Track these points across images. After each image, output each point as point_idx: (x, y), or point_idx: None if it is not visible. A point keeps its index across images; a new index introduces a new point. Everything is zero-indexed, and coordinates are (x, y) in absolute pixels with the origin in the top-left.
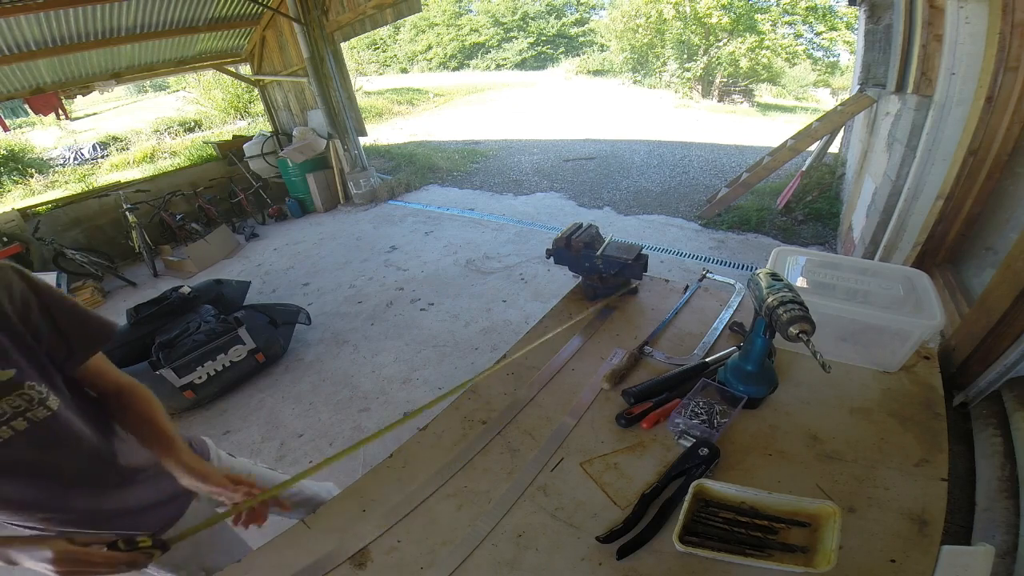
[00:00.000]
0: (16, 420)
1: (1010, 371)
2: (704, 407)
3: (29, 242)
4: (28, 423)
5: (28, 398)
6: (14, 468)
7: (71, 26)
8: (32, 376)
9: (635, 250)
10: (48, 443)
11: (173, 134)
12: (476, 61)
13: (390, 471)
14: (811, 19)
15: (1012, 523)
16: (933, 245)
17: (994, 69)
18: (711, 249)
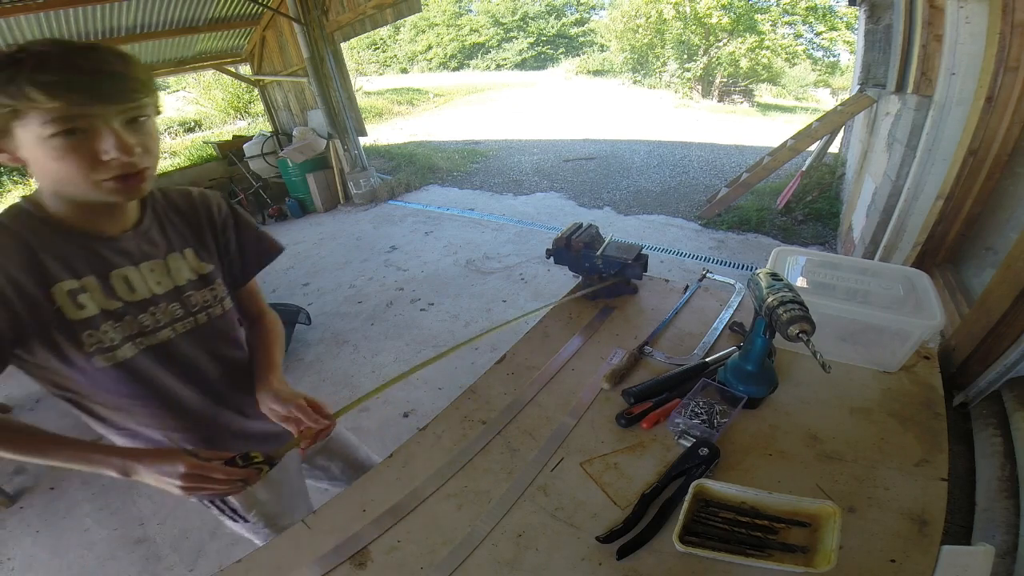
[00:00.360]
0: (201, 314)
1: (1010, 371)
2: (704, 407)
3: None
4: (208, 318)
5: (215, 294)
6: (196, 355)
7: (71, 26)
8: (219, 276)
9: (635, 250)
10: (217, 339)
11: (173, 134)
12: (476, 61)
13: (390, 471)
14: (811, 19)
15: (1012, 523)
16: (933, 245)
17: (994, 69)
18: (711, 249)
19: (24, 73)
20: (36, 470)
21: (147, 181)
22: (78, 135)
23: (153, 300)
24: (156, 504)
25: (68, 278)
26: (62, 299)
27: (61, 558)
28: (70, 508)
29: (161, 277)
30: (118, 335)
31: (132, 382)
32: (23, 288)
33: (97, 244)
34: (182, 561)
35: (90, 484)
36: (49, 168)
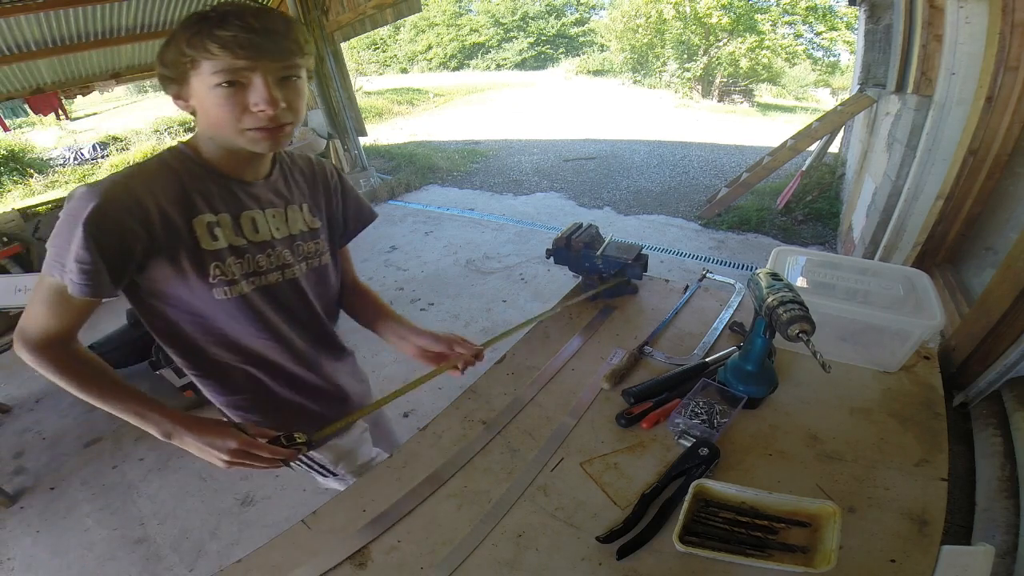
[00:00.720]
0: (303, 263)
1: (1010, 371)
2: (704, 407)
3: (29, 242)
4: (308, 268)
5: (318, 248)
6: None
7: (71, 26)
8: (326, 233)
9: (635, 250)
10: (313, 290)
11: (173, 134)
12: (476, 61)
13: (390, 471)
14: (811, 19)
15: (1012, 523)
16: (933, 245)
17: (994, 69)
18: (711, 249)
19: (207, 29)
20: (36, 470)
21: (286, 136)
22: (236, 87)
23: (271, 243)
24: (156, 504)
25: (208, 212)
26: (201, 230)
27: (61, 558)
28: (70, 508)
29: (280, 224)
30: (238, 271)
31: (245, 316)
32: (169, 216)
33: (235, 186)
34: (182, 561)
35: (90, 484)
36: (209, 114)
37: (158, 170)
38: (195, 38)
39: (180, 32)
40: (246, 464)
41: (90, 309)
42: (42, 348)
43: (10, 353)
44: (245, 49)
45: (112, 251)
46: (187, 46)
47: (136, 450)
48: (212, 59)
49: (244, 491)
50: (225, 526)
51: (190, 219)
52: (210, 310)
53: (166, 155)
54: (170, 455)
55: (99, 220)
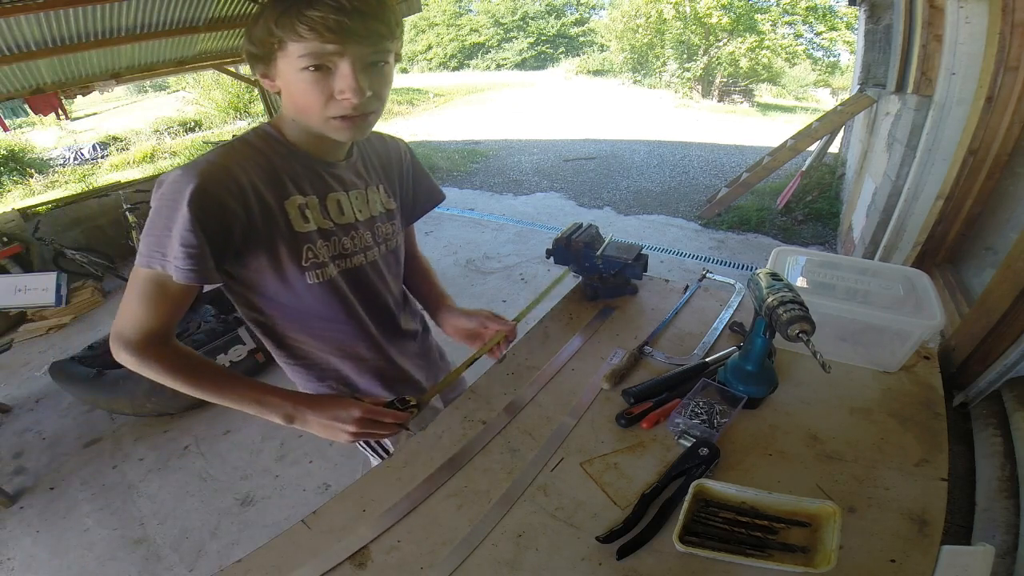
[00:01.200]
0: (382, 245)
1: (1010, 371)
2: (704, 407)
3: (29, 242)
4: (387, 249)
5: (394, 228)
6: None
7: (71, 26)
8: (399, 214)
9: (635, 250)
10: (389, 271)
11: (173, 134)
12: (476, 61)
13: (390, 471)
14: (811, 19)
15: (1012, 523)
16: (933, 245)
17: (994, 69)
18: (711, 249)
19: (296, 7)
20: (36, 470)
21: (369, 125)
22: (322, 71)
23: (354, 225)
24: (156, 504)
25: (298, 194)
26: (293, 211)
27: (61, 558)
28: (70, 508)
29: (362, 206)
30: (326, 254)
31: (331, 301)
32: (264, 198)
33: (320, 168)
34: (182, 561)
35: (90, 484)
36: (295, 97)
37: (249, 151)
38: (284, 17)
39: (270, 9)
40: (370, 433)
41: (189, 299)
42: (143, 347)
43: (10, 353)
44: (334, 32)
45: (215, 232)
46: (276, 25)
47: (136, 450)
48: (300, 41)
49: (244, 491)
50: (225, 526)
51: (282, 201)
52: (300, 296)
53: (252, 136)
54: (170, 455)
55: (202, 200)
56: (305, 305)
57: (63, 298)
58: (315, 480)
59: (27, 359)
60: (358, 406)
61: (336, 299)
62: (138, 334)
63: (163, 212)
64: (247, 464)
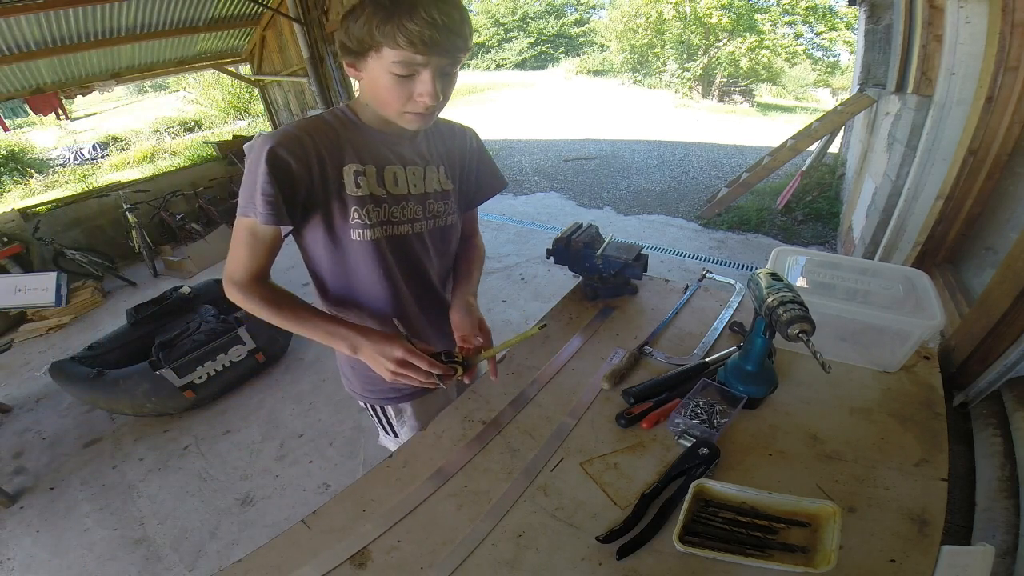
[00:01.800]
0: (431, 220)
1: (1010, 371)
2: (704, 407)
3: (29, 242)
4: (435, 226)
5: (446, 207)
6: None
7: (71, 26)
8: (456, 196)
9: (635, 250)
10: (435, 247)
11: (173, 134)
12: (476, 61)
13: (390, 471)
14: (811, 19)
15: (1012, 523)
16: (933, 245)
17: (994, 69)
18: (711, 249)
19: (397, 18)
20: (36, 470)
21: (433, 119)
22: (408, 76)
23: (406, 198)
24: (156, 504)
25: (356, 163)
26: (348, 177)
27: (61, 558)
28: (70, 508)
29: (417, 181)
30: (374, 218)
31: (371, 260)
32: (325, 163)
33: (384, 143)
34: (182, 561)
35: (90, 484)
36: (378, 91)
37: (321, 125)
38: (386, 25)
39: (372, 12)
40: (407, 376)
41: (278, 242)
42: (249, 286)
43: (10, 353)
44: (426, 45)
45: (285, 185)
46: (377, 30)
47: (136, 450)
48: (396, 48)
49: (244, 491)
50: (225, 526)
51: (340, 167)
52: (345, 251)
53: (327, 114)
54: (170, 455)
55: (275, 159)
56: (349, 262)
57: (63, 298)
58: (315, 480)
59: (27, 359)
60: (401, 346)
61: (376, 259)
62: (243, 275)
63: (251, 170)
64: (247, 464)
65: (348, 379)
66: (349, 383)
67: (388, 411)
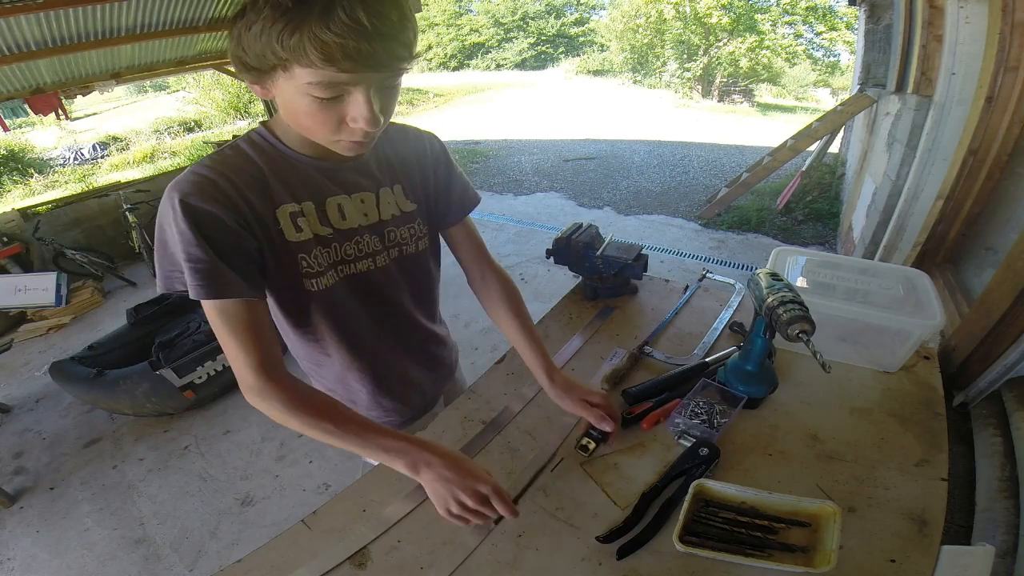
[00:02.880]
0: (394, 249)
1: (1010, 371)
2: (704, 407)
3: (29, 242)
4: (401, 254)
5: (412, 232)
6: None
7: (71, 26)
8: (422, 216)
9: (635, 250)
10: (407, 277)
11: (173, 134)
12: (476, 61)
13: (390, 471)
14: (811, 19)
15: (1012, 523)
16: (933, 245)
17: (994, 69)
18: (711, 249)
19: (307, 25)
20: (36, 470)
21: (374, 141)
22: (334, 98)
23: (357, 231)
24: (156, 504)
25: (291, 201)
26: (284, 220)
27: (61, 558)
28: (70, 508)
29: (369, 209)
30: (325, 261)
31: (330, 309)
32: (254, 207)
33: (318, 171)
34: (182, 561)
35: (90, 484)
36: (297, 118)
37: (238, 161)
38: (292, 36)
39: (272, 19)
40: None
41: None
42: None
43: (10, 353)
44: (352, 60)
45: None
46: (281, 46)
47: (136, 450)
48: (311, 68)
49: (244, 491)
50: (225, 526)
51: (273, 210)
52: (301, 304)
53: (244, 142)
54: (170, 455)
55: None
56: (311, 315)
57: (63, 298)
58: (315, 480)
59: (27, 359)
60: (492, 483)
61: (335, 306)
62: (252, 373)
63: (167, 236)
64: (247, 464)
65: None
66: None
67: None
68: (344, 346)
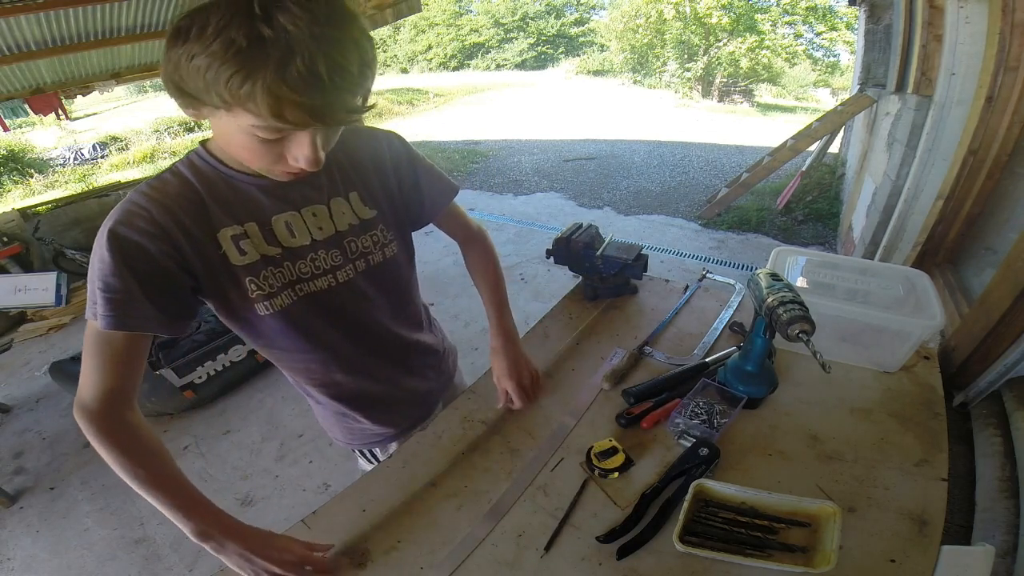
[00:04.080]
0: (360, 261)
1: (1010, 371)
2: (704, 407)
3: (29, 242)
4: (367, 265)
5: (375, 240)
6: (354, 305)
7: (71, 26)
8: (386, 221)
9: (635, 250)
10: (376, 287)
11: (173, 134)
12: (476, 61)
13: (390, 471)
14: (811, 19)
15: (1012, 523)
16: (933, 245)
17: (994, 69)
18: (711, 249)
19: (260, 75)
20: (36, 470)
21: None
22: (276, 140)
23: (312, 247)
24: None
25: (233, 223)
26: (226, 244)
27: (61, 558)
28: (70, 508)
29: (323, 222)
30: (276, 282)
31: (288, 330)
32: (191, 234)
33: (260, 191)
34: (182, 561)
35: (90, 484)
36: (231, 147)
37: (174, 187)
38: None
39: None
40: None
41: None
42: (101, 415)
43: (10, 353)
44: (305, 115)
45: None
46: (227, 88)
47: None
48: (256, 116)
49: (244, 491)
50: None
51: (213, 234)
52: (256, 328)
53: (182, 165)
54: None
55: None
56: (271, 339)
57: (63, 298)
58: (315, 480)
59: (27, 359)
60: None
61: (295, 328)
62: (90, 396)
63: (92, 261)
64: (247, 464)
65: (329, 430)
66: (331, 432)
67: (375, 451)
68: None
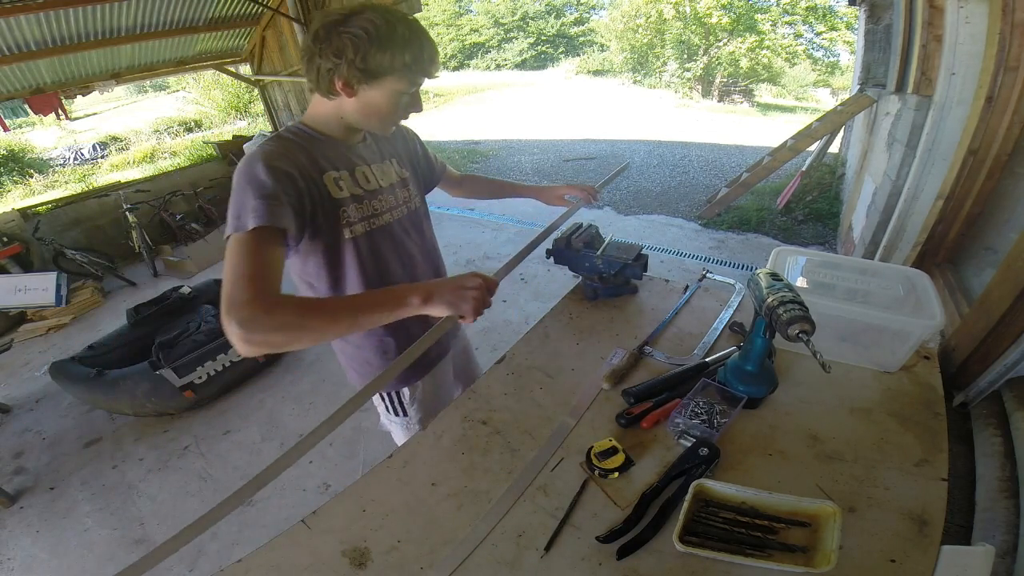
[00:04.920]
0: (403, 207)
1: (1010, 371)
2: (704, 407)
3: (29, 242)
4: (407, 211)
5: (410, 194)
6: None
7: (71, 26)
8: (416, 181)
9: (635, 250)
10: (412, 229)
11: (173, 134)
12: (476, 61)
13: (390, 471)
14: (811, 19)
15: (1012, 523)
16: (933, 245)
17: (994, 69)
18: (711, 249)
19: (422, 57)
20: (36, 470)
21: None
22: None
23: (379, 191)
24: (156, 504)
25: (332, 169)
26: (330, 183)
27: (61, 558)
28: (70, 508)
29: (382, 175)
30: (357, 215)
31: (365, 253)
32: (309, 174)
33: (345, 149)
34: (182, 561)
35: (90, 484)
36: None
37: (290, 143)
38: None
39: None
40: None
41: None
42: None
43: (10, 353)
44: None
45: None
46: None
47: (136, 450)
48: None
49: None
50: (225, 526)
51: (321, 175)
52: (341, 252)
53: (287, 133)
54: (170, 455)
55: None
56: (345, 263)
57: (63, 298)
58: (315, 480)
59: (27, 359)
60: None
61: (369, 251)
62: (251, 293)
63: (240, 183)
64: (247, 464)
65: (360, 374)
66: (362, 378)
67: (403, 393)
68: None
